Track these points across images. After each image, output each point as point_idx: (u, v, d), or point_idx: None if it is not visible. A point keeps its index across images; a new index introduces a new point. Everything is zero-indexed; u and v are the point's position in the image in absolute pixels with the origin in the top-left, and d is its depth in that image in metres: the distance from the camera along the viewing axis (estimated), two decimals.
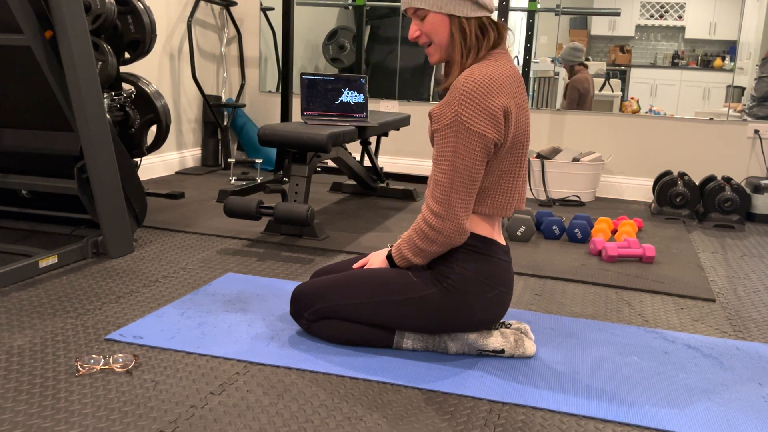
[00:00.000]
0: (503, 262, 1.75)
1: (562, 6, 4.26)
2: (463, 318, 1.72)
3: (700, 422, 1.50)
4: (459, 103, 1.60)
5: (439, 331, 1.76)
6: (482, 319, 1.74)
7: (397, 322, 1.75)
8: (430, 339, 1.79)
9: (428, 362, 1.73)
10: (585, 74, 4.33)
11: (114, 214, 2.48)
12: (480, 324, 1.75)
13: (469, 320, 1.73)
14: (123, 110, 3.08)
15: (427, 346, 1.79)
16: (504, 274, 1.74)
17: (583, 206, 3.94)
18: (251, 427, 1.40)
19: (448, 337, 1.78)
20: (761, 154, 4.04)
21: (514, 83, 1.68)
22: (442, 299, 1.70)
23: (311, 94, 3.10)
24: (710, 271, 2.73)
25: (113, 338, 1.78)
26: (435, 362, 1.73)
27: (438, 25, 1.67)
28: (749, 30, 4.04)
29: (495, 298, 1.73)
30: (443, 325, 1.74)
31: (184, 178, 4.21)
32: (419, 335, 1.79)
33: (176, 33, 4.26)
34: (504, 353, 1.78)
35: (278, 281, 2.31)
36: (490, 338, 1.78)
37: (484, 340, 1.78)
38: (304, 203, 2.78)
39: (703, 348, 1.92)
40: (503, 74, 1.65)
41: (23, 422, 1.37)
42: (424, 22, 1.68)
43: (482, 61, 1.67)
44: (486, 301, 1.72)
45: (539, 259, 2.74)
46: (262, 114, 4.88)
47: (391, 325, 1.76)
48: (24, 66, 2.37)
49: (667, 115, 4.22)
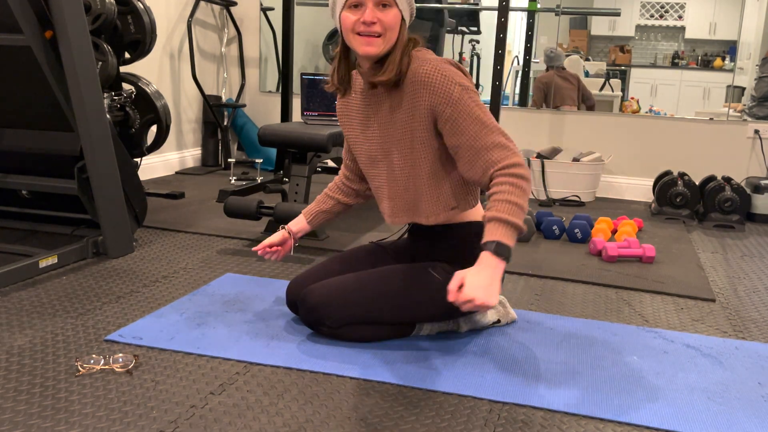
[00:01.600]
0: None
1: (562, 6, 4.26)
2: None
3: (700, 422, 1.50)
4: (454, 75, 1.65)
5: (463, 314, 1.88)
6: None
7: (428, 318, 1.84)
8: (444, 322, 1.91)
9: (428, 362, 1.73)
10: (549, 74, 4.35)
11: (114, 214, 2.48)
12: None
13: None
14: (123, 110, 3.08)
15: (441, 329, 1.91)
16: None
17: (583, 206, 3.95)
18: (251, 427, 1.40)
19: (460, 318, 1.90)
20: (761, 154, 4.04)
21: None
22: None
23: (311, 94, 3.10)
24: (710, 271, 2.74)
25: (113, 339, 1.78)
26: (435, 362, 1.73)
27: (396, 21, 1.67)
28: (749, 30, 4.04)
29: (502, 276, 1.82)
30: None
31: (184, 178, 4.21)
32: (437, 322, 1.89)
33: (176, 33, 4.26)
34: (500, 323, 1.98)
35: (278, 281, 2.31)
36: (487, 313, 1.95)
37: (484, 316, 1.94)
38: (304, 203, 2.78)
39: (703, 348, 1.92)
40: None
41: (23, 422, 1.37)
42: (386, 13, 1.65)
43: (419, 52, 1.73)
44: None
45: (539, 259, 2.74)
46: (262, 114, 4.88)
47: (421, 321, 1.84)
48: (24, 66, 2.37)
49: (667, 115, 4.22)
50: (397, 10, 1.66)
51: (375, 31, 1.64)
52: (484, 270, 1.49)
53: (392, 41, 1.68)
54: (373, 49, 1.66)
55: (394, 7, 1.65)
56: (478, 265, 1.51)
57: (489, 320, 1.96)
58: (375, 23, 1.64)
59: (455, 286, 1.50)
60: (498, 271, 1.50)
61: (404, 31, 1.70)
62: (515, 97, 4.52)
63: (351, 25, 1.65)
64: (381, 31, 1.65)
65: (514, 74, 4.51)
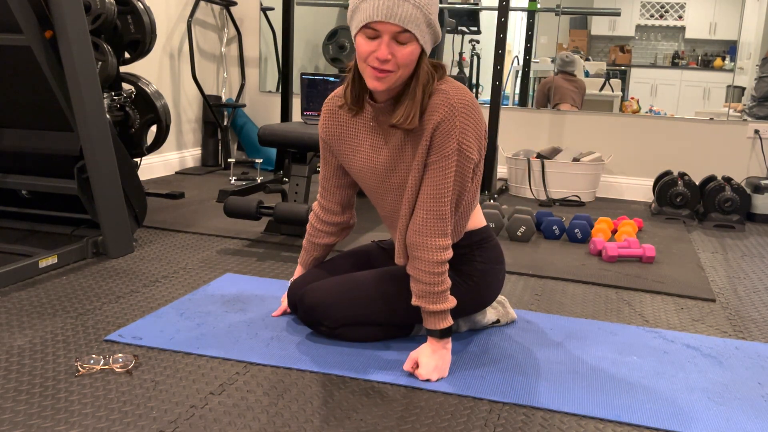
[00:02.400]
0: (497, 241, 1.90)
1: (562, 6, 4.26)
2: (486, 303, 1.87)
3: (700, 422, 1.50)
4: (460, 133, 1.57)
5: (469, 314, 1.89)
6: (494, 298, 1.90)
7: None
8: None
9: None
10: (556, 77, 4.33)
11: (114, 214, 2.48)
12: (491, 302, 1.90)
13: (489, 303, 1.88)
14: (123, 110, 3.08)
15: None
16: (501, 251, 1.90)
17: (583, 206, 3.94)
18: (251, 427, 1.40)
19: (460, 318, 1.91)
20: (761, 154, 4.04)
21: None
22: (471, 294, 1.81)
23: (311, 94, 3.10)
24: (710, 271, 2.73)
25: (113, 339, 1.78)
26: None
27: (413, 58, 1.53)
28: (749, 30, 4.04)
29: (502, 277, 1.89)
30: (468, 312, 1.87)
31: (184, 178, 4.21)
32: None
33: (176, 33, 4.26)
34: (500, 323, 1.98)
35: (278, 281, 2.31)
36: (486, 313, 1.95)
37: (483, 316, 1.94)
38: (304, 203, 2.78)
39: (703, 348, 1.92)
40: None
41: (23, 422, 1.37)
42: (402, 49, 1.51)
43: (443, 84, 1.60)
44: (499, 281, 1.88)
45: (539, 259, 2.74)
46: (262, 114, 4.88)
47: (419, 321, 1.83)
48: (24, 66, 2.37)
49: (667, 115, 4.22)
50: (416, 45, 1.51)
51: (387, 69, 1.52)
52: (435, 352, 1.65)
53: (405, 77, 1.56)
54: (381, 85, 1.54)
55: (413, 42, 1.51)
56: (429, 347, 1.66)
57: (489, 320, 1.96)
58: (389, 60, 1.50)
59: (410, 366, 1.64)
60: (447, 349, 1.67)
61: (423, 63, 1.56)
62: (515, 97, 4.52)
63: (364, 55, 1.53)
64: (393, 69, 1.52)
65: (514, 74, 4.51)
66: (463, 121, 1.57)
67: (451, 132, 1.57)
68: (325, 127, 1.79)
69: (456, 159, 1.58)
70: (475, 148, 1.61)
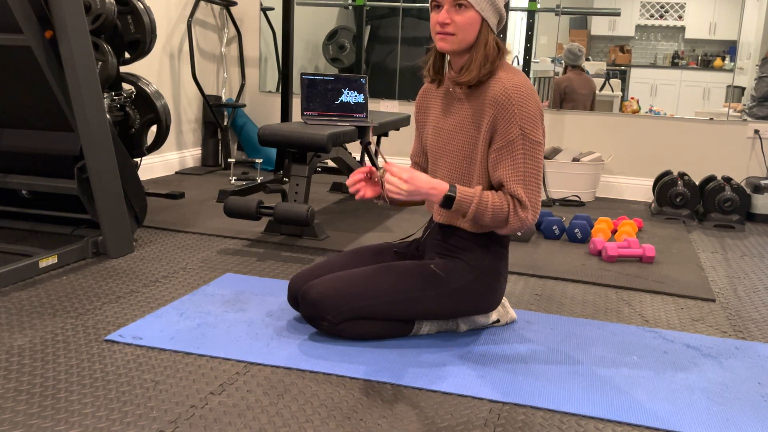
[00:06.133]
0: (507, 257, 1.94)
1: (562, 6, 4.26)
2: (492, 302, 1.89)
3: (700, 422, 1.50)
4: (521, 118, 1.71)
5: (469, 314, 1.91)
6: (490, 306, 1.91)
7: (431, 314, 1.85)
8: (444, 322, 1.91)
9: (428, 362, 1.73)
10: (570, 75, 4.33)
11: (114, 214, 2.48)
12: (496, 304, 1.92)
13: (495, 303, 1.90)
14: (123, 110, 3.08)
15: (440, 329, 1.92)
16: (507, 266, 1.94)
17: (583, 206, 3.95)
18: (251, 427, 1.40)
19: (461, 318, 1.92)
20: (761, 154, 4.04)
21: None
22: (478, 287, 1.84)
23: (311, 94, 3.10)
24: (710, 271, 2.74)
25: (113, 339, 1.78)
26: (435, 362, 1.73)
27: (473, 23, 1.72)
28: (749, 30, 4.04)
29: (501, 289, 1.91)
30: (473, 310, 1.88)
31: (184, 178, 4.21)
32: (436, 321, 1.90)
33: (176, 33, 4.26)
34: (500, 323, 1.99)
35: (278, 281, 2.31)
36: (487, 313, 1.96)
37: (483, 316, 1.95)
38: (304, 203, 2.78)
39: (703, 347, 1.92)
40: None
41: (23, 422, 1.37)
42: (461, 14, 1.71)
43: (502, 69, 1.78)
44: (498, 291, 1.90)
45: (539, 259, 2.74)
46: (262, 114, 4.88)
47: (423, 317, 1.85)
48: (24, 66, 2.37)
49: (667, 115, 4.22)
50: (473, 12, 1.71)
51: (448, 32, 1.73)
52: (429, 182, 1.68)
53: (467, 42, 1.74)
54: (445, 45, 1.75)
55: (470, 9, 1.70)
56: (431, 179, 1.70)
57: (488, 320, 1.96)
58: (449, 24, 1.72)
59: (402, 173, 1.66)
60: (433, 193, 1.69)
61: (485, 35, 1.75)
62: None
63: (433, 25, 1.76)
64: (454, 31, 1.72)
65: None
66: (522, 109, 1.72)
67: (510, 118, 1.71)
68: (417, 104, 2.01)
69: (521, 143, 1.72)
70: (540, 132, 1.75)
